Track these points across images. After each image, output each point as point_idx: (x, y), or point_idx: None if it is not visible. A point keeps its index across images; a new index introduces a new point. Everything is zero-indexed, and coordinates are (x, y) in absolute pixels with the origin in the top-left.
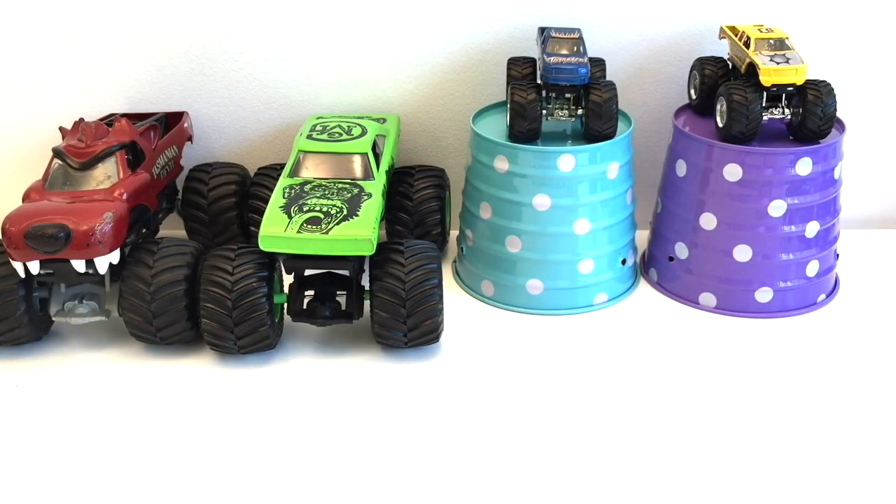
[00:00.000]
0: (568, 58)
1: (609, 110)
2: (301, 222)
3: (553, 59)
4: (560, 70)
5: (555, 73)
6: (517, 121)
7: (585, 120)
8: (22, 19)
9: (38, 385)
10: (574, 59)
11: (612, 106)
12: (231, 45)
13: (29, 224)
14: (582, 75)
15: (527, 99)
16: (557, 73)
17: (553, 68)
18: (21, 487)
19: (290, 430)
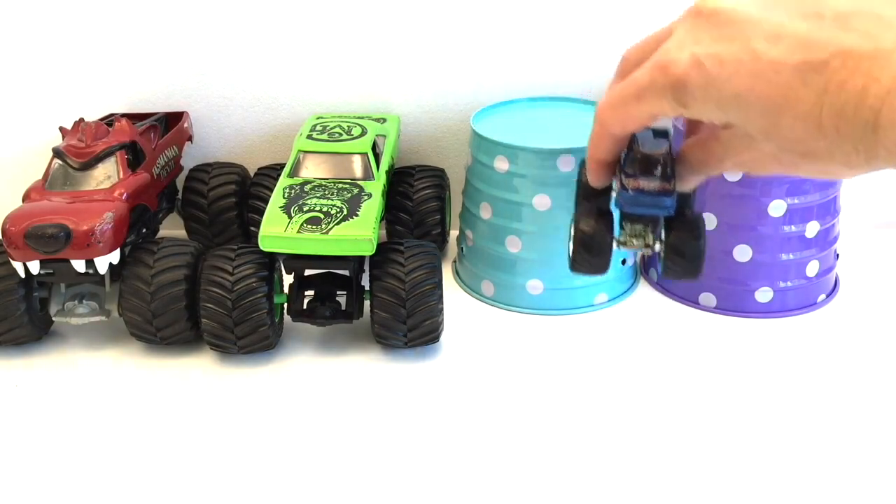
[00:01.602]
0: (651, 181)
1: (694, 251)
2: (301, 222)
3: (632, 182)
4: (640, 199)
5: (631, 204)
6: (580, 254)
7: (664, 256)
8: (22, 19)
9: (38, 385)
10: (657, 185)
11: (698, 246)
12: (231, 45)
13: (29, 224)
14: (666, 207)
15: (593, 228)
16: (634, 203)
17: (631, 196)
18: (21, 487)
19: (290, 430)
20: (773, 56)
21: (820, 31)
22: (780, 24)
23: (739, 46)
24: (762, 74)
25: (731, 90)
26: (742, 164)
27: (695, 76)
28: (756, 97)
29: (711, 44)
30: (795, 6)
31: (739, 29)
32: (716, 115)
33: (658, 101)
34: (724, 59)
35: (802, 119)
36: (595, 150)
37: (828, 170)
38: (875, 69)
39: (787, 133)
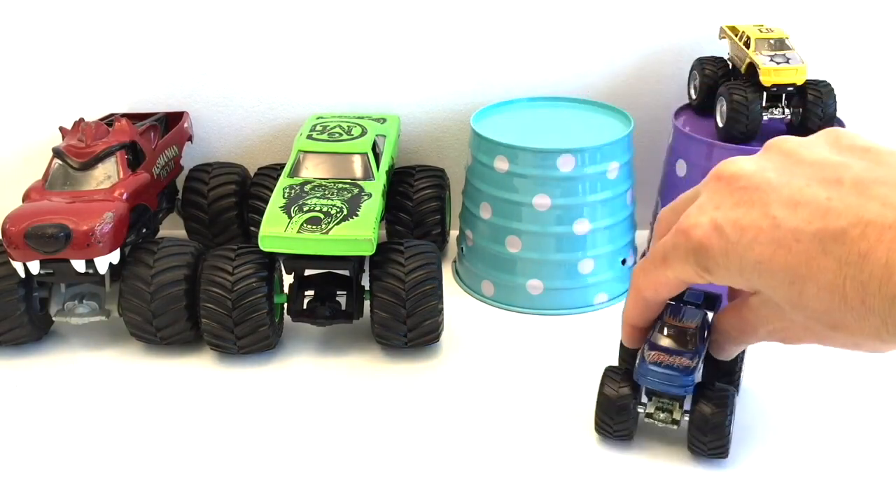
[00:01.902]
0: (672, 356)
1: (718, 424)
2: (301, 222)
3: (652, 356)
4: (656, 374)
5: (649, 377)
6: (600, 416)
7: (688, 431)
8: (22, 19)
9: (38, 385)
10: (679, 361)
11: (725, 421)
12: (231, 45)
13: (29, 224)
14: (685, 386)
15: (618, 394)
16: (653, 377)
17: (649, 370)
18: (21, 487)
19: (290, 430)
20: (793, 224)
21: (840, 198)
22: (799, 190)
23: (759, 213)
24: (782, 242)
25: (753, 257)
26: (775, 333)
27: (715, 242)
28: (778, 265)
29: (731, 209)
30: (815, 171)
31: (759, 194)
32: (740, 281)
33: (682, 266)
34: (744, 226)
35: (827, 290)
36: (628, 312)
37: (860, 343)
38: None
39: (812, 303)
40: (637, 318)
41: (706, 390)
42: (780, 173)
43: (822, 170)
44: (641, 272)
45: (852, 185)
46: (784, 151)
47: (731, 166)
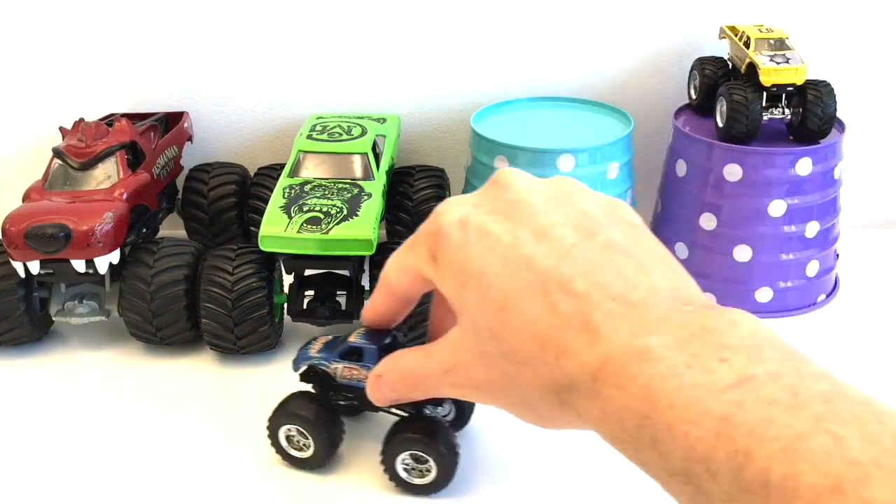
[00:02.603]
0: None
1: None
2: (301, 222)
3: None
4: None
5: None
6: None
7: None
8: (22, 19)
9: (38, 385)
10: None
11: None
12: (231, 45)
13: (29, 224)
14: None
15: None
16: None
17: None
18: (21, 487)
19: None
20: (529, 251)
21: (583, 249)
22: (552, 225)
23: (507, 227)
24: (512, 264)
25: (479, 265)
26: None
27: (455, 234)
28: (497, 284)
29: (486, 213)
30: (577, 217)
31: (517, 212)
32: (455, 286)
33: (420, 248)
34: (488, 232)
35: (529, 328)
36: (372, 298)
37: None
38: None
39: (509, 337)
40: (379, 305)
41: (413, 420)
42: (547, 202)
43: (584, 218)
44: (393, 256)
45: (601, 245)
46: (564, 187)
47: (509, 175)
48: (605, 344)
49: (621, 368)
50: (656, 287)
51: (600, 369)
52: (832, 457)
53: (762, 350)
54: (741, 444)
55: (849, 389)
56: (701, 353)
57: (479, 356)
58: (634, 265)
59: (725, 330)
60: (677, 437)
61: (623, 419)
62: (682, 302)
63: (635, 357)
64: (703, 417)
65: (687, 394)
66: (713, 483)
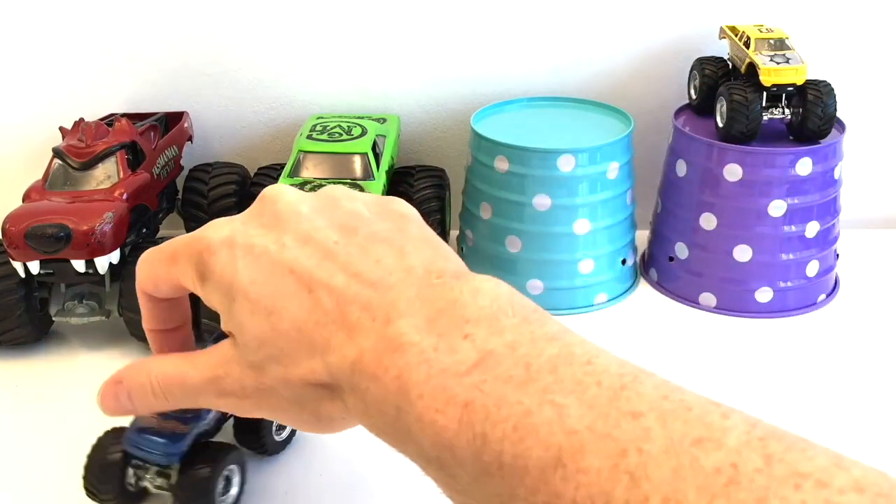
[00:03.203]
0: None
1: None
2: None
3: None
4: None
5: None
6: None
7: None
8: (22, 19)
9: (38, 385)
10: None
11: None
12: (231, 44)
13: (29, 224)
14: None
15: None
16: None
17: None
18: (21, 487)
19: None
20: (293, 255)
21: (344, 245)
22: (316, 229)
23: (273, 237)
24: (279, 269)
25: (248, 276)
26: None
27: (222, 253)
28: (265, 291)
29: (253, 228)
30: (341, 217)
31: (283, 221)
32: (223, 302)
33: (186, 267)
34: (254, 245)
35: (296, 329)
36: (143, 315)
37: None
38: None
39: (282, 339)
40: (149, 318)
41: (203, 448)
42: (313, 210)
43: (348, 218)
44: (144, 263)
45: (363, 238)
46: (331, 195)
47: (276, 191)
48: (362, 336)
49: (377, 359)
50: (412, 266)
51: (358, 362)
52: (554, 429)
53: (500, 318)
54: (479, 429)
55: (577, 349)
56: (446, 331)
57: (249, 367)
58: (394, 252)
59: (468, 301)
60: (426, 427)
61: (383, 411)
62: (434, 275)
63: (388, 346)
64: (448, 405)
65: (434, 382)
66: (459, 468)
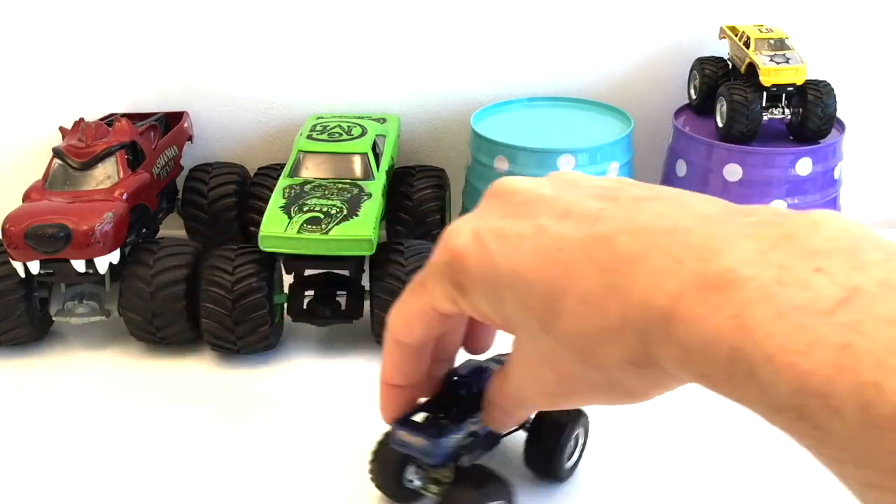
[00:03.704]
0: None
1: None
2: (301, 222)
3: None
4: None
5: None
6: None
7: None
8: (22, 19)
9: (38, 385)
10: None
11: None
12: (231, 45)
13: (29, 224)
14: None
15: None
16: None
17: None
18: (21, 487)
19: (290, 430)
20: (558, 231)
21: (612, 209)
22: (572, 203)
23: (526, 223)
24: (544, 250)
25: (511, 268)
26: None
27: (473, 252)
28: (536, 276)
29: (497, 220)
30: (593, 190)
31: (529, 207)
32: (493, 303)
33: (439, 285)
34: (506, 233)
35: (583, 302)
36: (384, 366)
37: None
38: (675, 247)
39: (567, 322)
40: (393, 370)
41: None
42: (556, 189)
43: (601, 189)
44: (395, 308)
45: (629, 200)
46: (565, 176)
47: (505, 183)
48: (672, 279)
49: (699, 299)
50: (706, 213)
51: (674, 306)
52: None
53: (860, 252)
54: (868, 377)
55: None
56: (789, 264)
57: (541, 361)
58: (674, 205)
59: (809, 234)
60: (782, 371)
61: (710, 355)
62: (742, 214)
63: (712, 285)
64: (813, 347)
65: (788, 319)
66: (834, 419)
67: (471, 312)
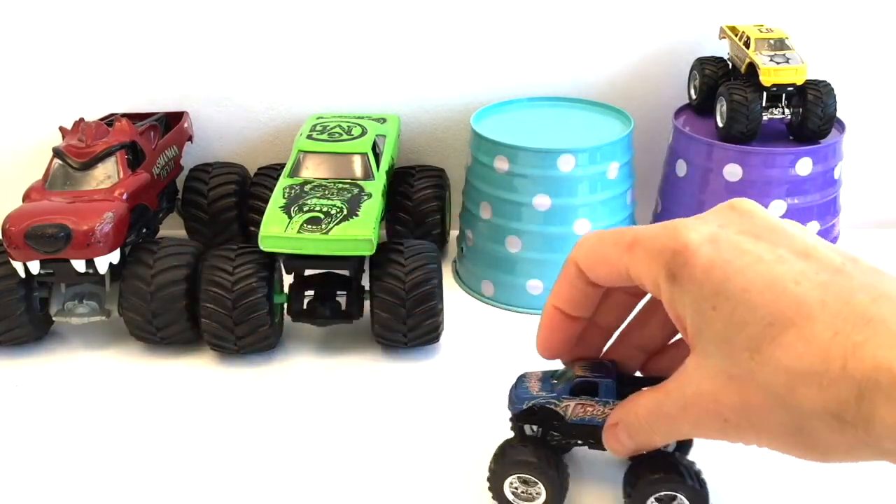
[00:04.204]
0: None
1: None
2: (301, 222)
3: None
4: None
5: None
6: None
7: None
8: (22, 19)
9: (38, 385)
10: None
11: None
12: (231, 45)
13: (29, 224)
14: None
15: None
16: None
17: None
18: (21, 487)
19: (290, 430)
20: (799, 267)
21: (854, 268)
22: (814, 247)
23: (766, 246)
24: (780, 279)
25: (740, 283)
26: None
27: (705, 252)
28: (764, 300)
29: (737, 234)
30: (826, 243)
31: (771, 233)
32: (700, 305)
33: (649, 260)
34: (745, 249)
35: (808, 341)
36: (557, 289)
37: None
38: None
39: (779, 352)
40: (559, 290)
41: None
42: (796, 228)
43: (839, 250)
44: (594, 238)
45: (869, 268)
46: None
47: (749, 204)
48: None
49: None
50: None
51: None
52: None
53: None
54: None
55: None
56: None
57: (728, 381)
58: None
59: None
60: None
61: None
62: None
63: None
64: None
65: None
66: None
67: (665, 302)
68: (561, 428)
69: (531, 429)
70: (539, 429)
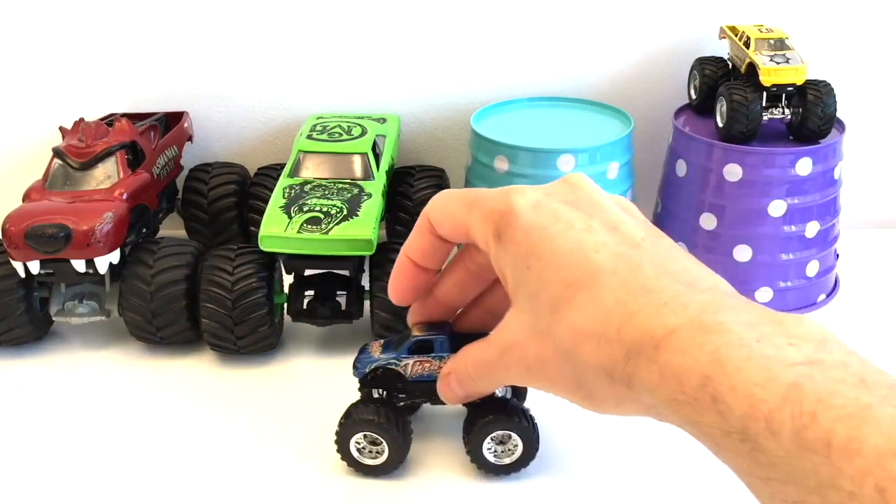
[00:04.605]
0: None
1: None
2: (301, 222)
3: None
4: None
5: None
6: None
7: None
8: (22, 19)
9: (38, 385)
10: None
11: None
12: (231, 44)
13: (29, 224)
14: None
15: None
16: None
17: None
18: (21, 487)
19: (290, 430)
20: (603, 237)
21: (652, 245)
22: (623, 222)
23: (581, 216)
24: (584, 246)
25: (550, 247)
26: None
27: (527, 215)
28: (566, 263)
29: (560, 202)
30: (641, 220)
31: (589, 205)
32: (517, 264)
33: (481, 220)
34: (560, 217)
35: (593, 303)
36: (410, 240)
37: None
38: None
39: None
40: (416, 249)
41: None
42: (616, 205)
43: (647, 224)
44: (444, 194)
45: (668, 245)
46: (627, 203)
47: (580, 178)
48: (673, 316)
49: (689, 337)
50: (720, 285)
51: (666, 337)
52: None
53: (828, 344)
54: (807, 407)
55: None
56: (771, 334)
57: (533, 334)
58: (698, 266)
59: (793, 324)
60: (740, 397)
61: (683, 381)
62: (744, 301)
63: (704, 329)
64: (770, 382)
65: (756, 362)
66: (772, 440)
67: (492, 259)
68: (404, 388)
69: (378, 392)
70: (385, 392)
